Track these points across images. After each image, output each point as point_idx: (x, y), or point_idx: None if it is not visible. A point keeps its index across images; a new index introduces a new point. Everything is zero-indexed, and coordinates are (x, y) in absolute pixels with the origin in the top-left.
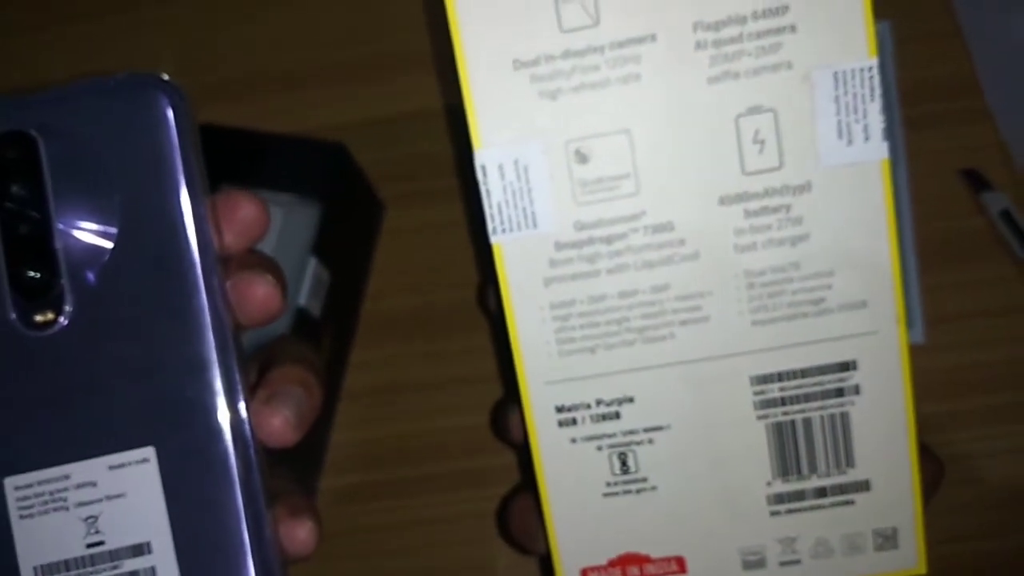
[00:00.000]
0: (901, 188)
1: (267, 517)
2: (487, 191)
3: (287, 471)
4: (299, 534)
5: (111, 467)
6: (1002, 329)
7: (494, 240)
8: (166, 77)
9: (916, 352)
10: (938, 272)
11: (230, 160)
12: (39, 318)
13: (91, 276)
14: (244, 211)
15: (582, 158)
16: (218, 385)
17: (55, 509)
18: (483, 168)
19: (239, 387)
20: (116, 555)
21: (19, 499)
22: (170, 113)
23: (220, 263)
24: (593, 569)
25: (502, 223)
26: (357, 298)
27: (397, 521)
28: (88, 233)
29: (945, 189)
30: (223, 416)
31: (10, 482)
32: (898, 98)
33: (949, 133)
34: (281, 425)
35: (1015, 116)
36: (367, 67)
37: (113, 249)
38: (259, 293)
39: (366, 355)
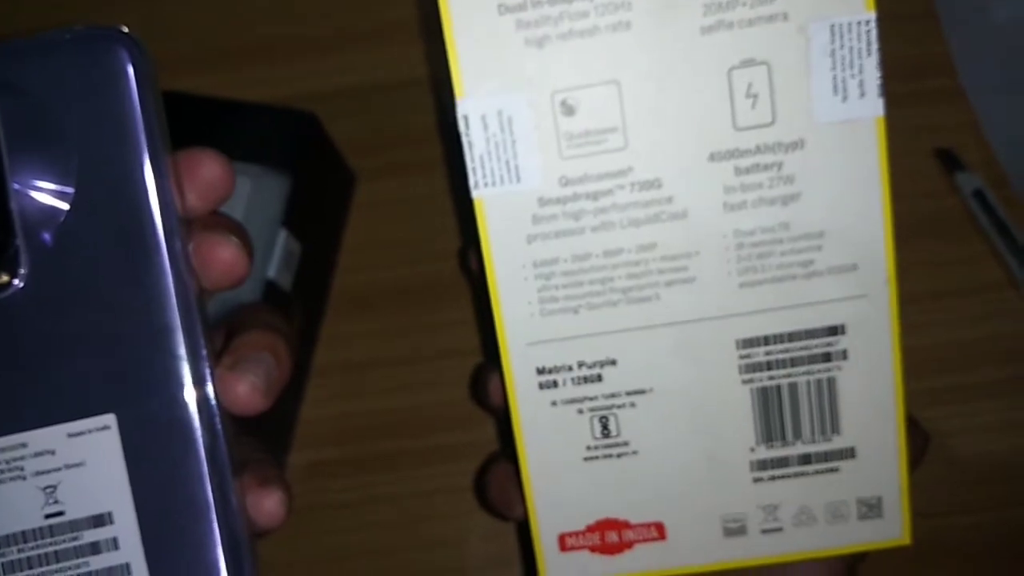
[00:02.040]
0: None
1: (234, 487)
2: (469, 143)
3: (256, 441)
4: (267, 504)
5: (70, 435)
6: (974, 308)
7: (476, 194)
8: (126, 30)
9: None
10: (911, 251)
11: (197, 129)
12: None
13: (48, 237)
14: (207, 170)
15: (569, 110)
16: (181, 350)
17: (11, 479)
18: (465, 119)
19: (203, 352)
20: (76, 526)
21: None
22: (130, 67)
23: (183, 225)
24: (572, 534)
25: (484, 177)
26: (328, 271)
27: (369, 496)
28: (45, 192)
29: (919, 169)
30: (187, 382)
31: None
32: None
33: (924, 113)
34: (247, 391)
35: (989, 97)
36: (340, 37)
37: (71, 209)
38: (224, 256)
39: (336, 330)
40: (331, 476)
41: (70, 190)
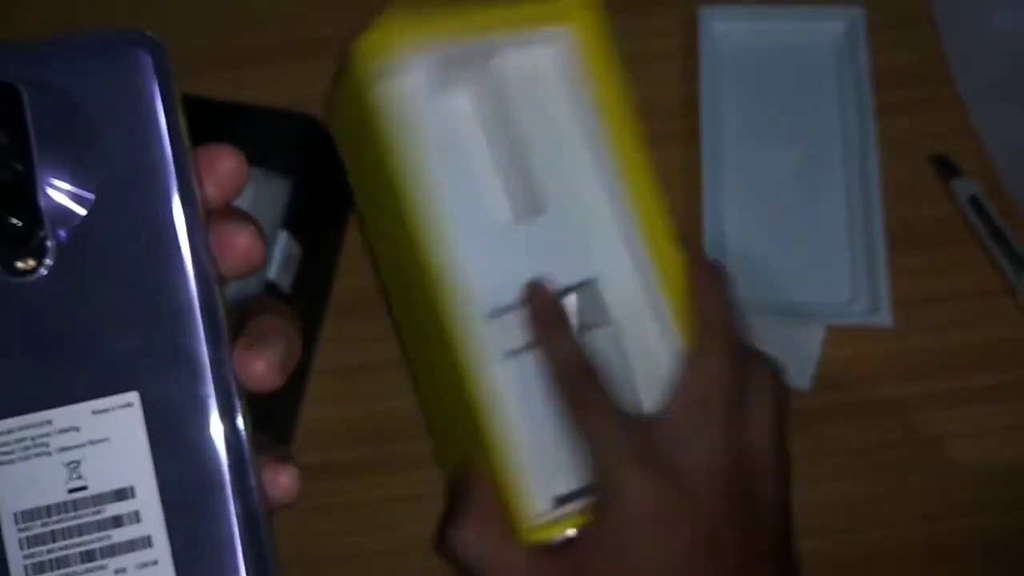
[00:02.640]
0: (872, 173)
1: (251, 462)
2: None
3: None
4: (282, 480)
5: (94, 412)
6: (969, 313)
7: None
8: (149, 33)
9: (884, 335)
10: (906, 257)
11: (198, 131)
12: (20, 265)
13: (75, 227)
14: (225, 164)
15: None
16: (201, 331)
17: (36, 454)
18: None
19: (223, 334)
20: (99, 500)
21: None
22: (153, 68)
23: (202, 214)
24: None
25: None
26: (328, 274)
27: (369, 499)
28: (71, 185)
29: (915, 175)
30: (207, 362)
31: None
32: (870, 84)
33: (920, 120)
34: (264, 369)
35: (986, 103)
36: (343, 41)
37: (97, 201)
38: (241, 242)
39: (337, 333)
40: (331, 478)
41: (96, 183)
